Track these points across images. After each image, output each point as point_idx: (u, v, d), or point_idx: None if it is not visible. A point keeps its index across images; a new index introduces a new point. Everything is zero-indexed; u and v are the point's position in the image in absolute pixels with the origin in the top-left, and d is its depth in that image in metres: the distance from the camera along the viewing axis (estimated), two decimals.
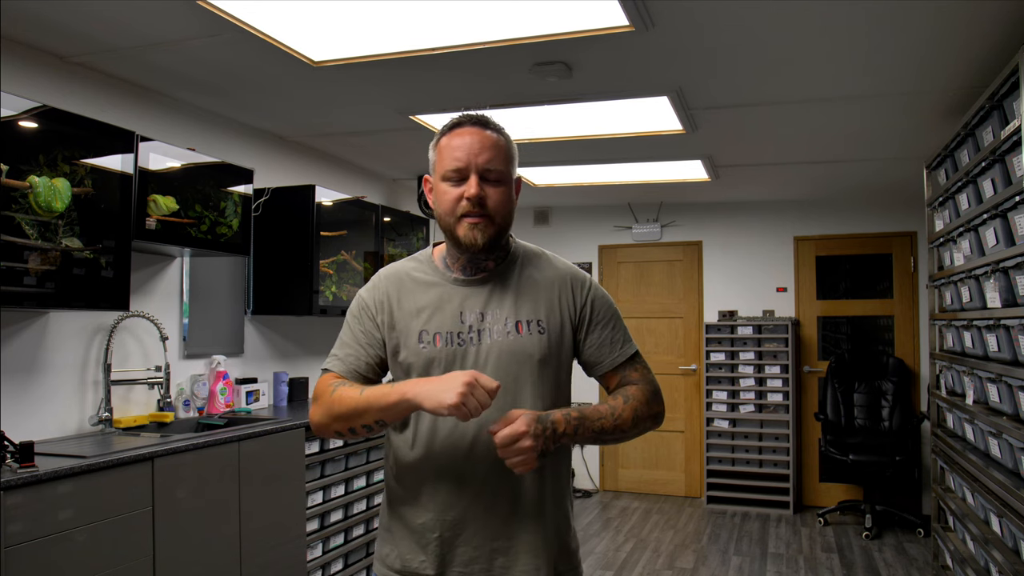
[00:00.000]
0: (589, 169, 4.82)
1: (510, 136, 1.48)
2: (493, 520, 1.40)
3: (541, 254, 1.56)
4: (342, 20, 2.48)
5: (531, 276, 1.50)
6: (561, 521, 1.48)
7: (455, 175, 1.40)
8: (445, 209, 1.42)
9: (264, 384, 3.81)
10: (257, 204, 3.65)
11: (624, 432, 1.44)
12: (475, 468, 1.40)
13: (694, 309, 6.20)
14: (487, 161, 1.40)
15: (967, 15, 2.42)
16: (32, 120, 2.39)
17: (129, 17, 2.47)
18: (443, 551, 1.41)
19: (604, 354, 1.50)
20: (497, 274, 1.48)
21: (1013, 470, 2.56)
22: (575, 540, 1.53)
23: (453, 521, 1.40)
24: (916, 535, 5.01)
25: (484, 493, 1.40)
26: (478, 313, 1.44)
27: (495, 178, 1.41)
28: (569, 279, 1.52)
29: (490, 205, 1.40)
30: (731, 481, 5.73)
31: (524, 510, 1.41)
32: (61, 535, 2.16)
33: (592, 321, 1.51)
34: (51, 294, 2.45)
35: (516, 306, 1.45)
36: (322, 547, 3.40)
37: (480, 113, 1.46)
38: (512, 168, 1.46)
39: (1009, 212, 2.47)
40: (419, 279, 1.50)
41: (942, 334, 3.66)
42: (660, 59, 2.81)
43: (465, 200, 1.39)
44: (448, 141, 1.43)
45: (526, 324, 1.44)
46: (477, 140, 1.41)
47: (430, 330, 1.43)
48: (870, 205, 5.72)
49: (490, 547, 1.41)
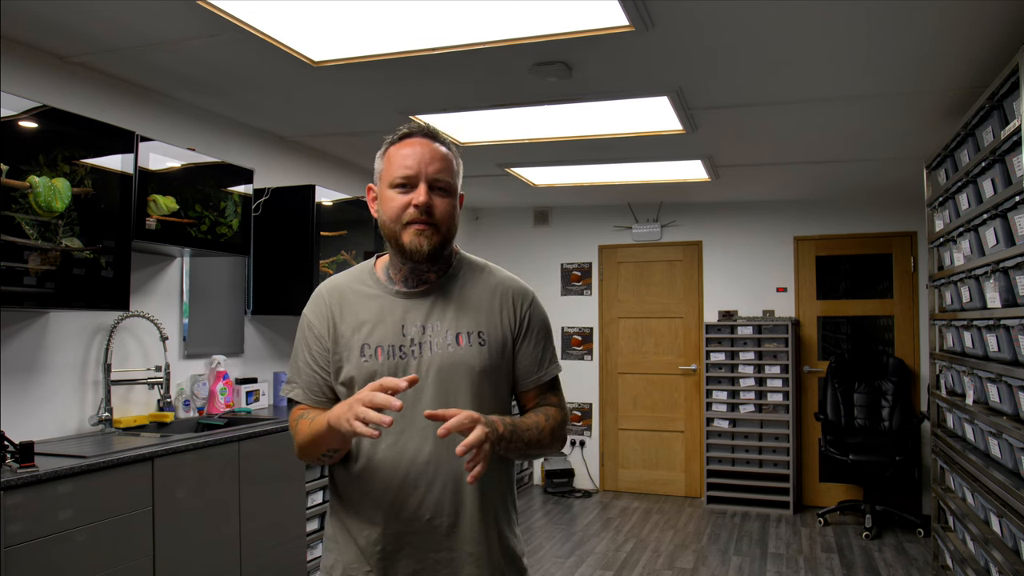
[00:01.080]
0: (589, 169, 4.82)
1: (456, 151, 1.50)
2: (435, 532, 1.41)
3: (484, 266, 1.56)
4: (342, 20, 2.48)
5: (473, 288, 1.50)
6: (505, 529, 1.49)
7: (404, 182, 1.41)
8: (391, 216, 1.42)
9: (264, 384, 3.81)
10: (257, 204, 3.65)
11: (540, 449, 1.46)
12: (416, 480, 1.40)
13: (694, 309, 6.20)
14: (436, 171, 1.42)
15: (967, 15, 2.42)
16: (32, 120, 2.39)
17: (129, 17, 2.47)
18: (386, 564, 1.42)
19: (531, 371, 1.51)
20: (439, 286, 1.49)
21: (1013, 470, 2.56)
22: (521, 546, 1.54)
23: (395, 534, 1.41)
24: (916, 535, 5.01)
25: (426, 505, 1.40)
26: (419, 326, 1.44)
27: (442, 187, 1.43)
28: (511, 291, 1.53)
29: (437, 214, 1.42)
30: (731, 481, 5.73)
31: (466, 521, 1.42)
32: (61, 535, 2.17)
33: (525, 336, 1.51)
34: (51, 294, 2.45)
35: (457, 318, 1.46)
36: (322, 547, 3.40)
37: (429, 125, 1.49)
38: (458, 182, 1.48)
39: (1009, 212, 2.47)
40: (360, 292, 1.49)
41: (942, 334, 3.66)
42: (660, 59, 2.81)
43: (413, 207, 1.40)
44: (397, 150, 1.44)
45: (467, 336, 1.45)
46: (428, 151, 1.43)
47: (372, 343, 1.44)
48: (870, 205, 5.72)
49: (433, 559, 1.41)
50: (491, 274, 1.55)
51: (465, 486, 1.41)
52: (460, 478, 1.41)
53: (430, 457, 1.40)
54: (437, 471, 1.40)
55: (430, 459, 1.40)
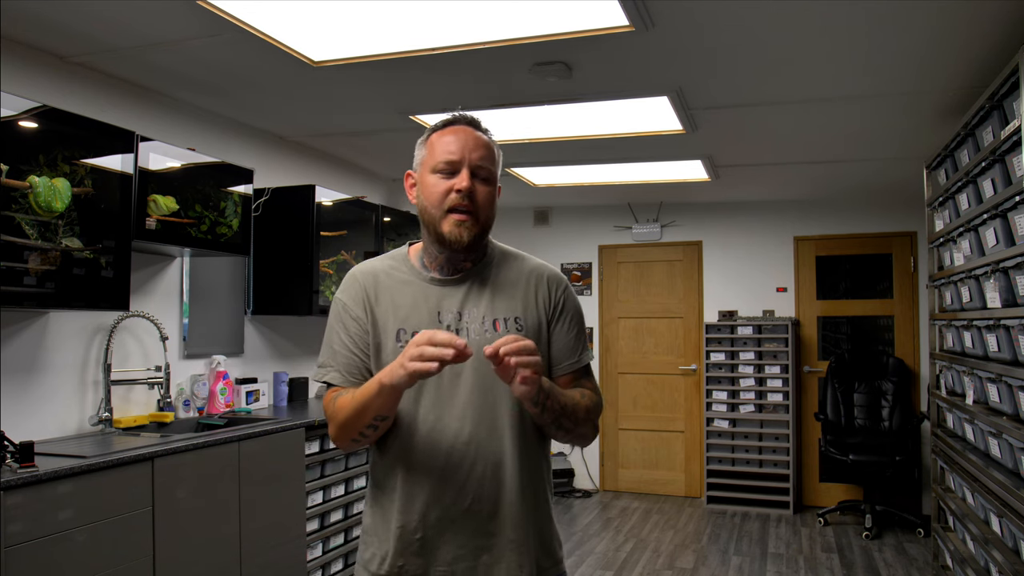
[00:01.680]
0: (589, 169, 4.82)
1: (496, 143, 1.50)
2: (476, 518, 1.40)
3: (518, 254, 1.57)
4: (342, 20, 2.48)
5: (507, 274, 1.51)
6: (543, 518, 1.48)
7: (447, 167, 1.41)
8: (432, 201, 1.42)
9: (264, 384, 3.81)
10: (257, 204, 3.65)
11: (574, 424, 1.44)
12: (456, 466, 1.40)
13: (694, 309, 6.20)
14: (479, 158, 1.42)
15: (967, 15, 2.42)
16: (32, 120, 2.39)
17: (129, 17, 2.47)
18: (427, 551, 1.41)
19: (565, 355, 1.51)
20: (474, 273, 1.49)
21: (1013, 470, 2.56)
22: (557, 538, 1.53)
23: (436, 521, 1.40)
24: (916, 535, 5.01)
25: (466, 491, 1.40)
26: (455, 312, 1.44)
27: (484, 176, 1.43)
28: (546, 276, 1.53)
29: (478, 201, 1.42)
30: (731, 481, 5.73)
31: (507, 506, 1.41)
32: (61, 535, 2.16)
33: (560, 319, 1.51)
34: (51, 294, 2.45)
35: (493, 304, 1.46)
36: (322, 547, 3.40)
37: (472, 115, 1.48)
38: (498, 172, 1.48)
39: (1009, 212, 2.47)
40: (395, 277, 1.49)
41: (942, 334, 3.66)
42: (660, 59, 2.81)
43: (455, 192, 1.40)
44: (440, 137, 1.45)
45: (503, 322, 1.45)
46: (471, 138, 1.43)
47: (408, 329, 1.43)
48: (870, 205, 5.72)
49: (474, 545, 1.40)
50: (524, 261, 1.55)
51: (505, 471, 1.41)
52: (500, 463, 1.40)
53: (469, 442, 1.39)
54: (477, 456, 1.39)
55: (469, 444, 1.39)
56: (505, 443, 1.41)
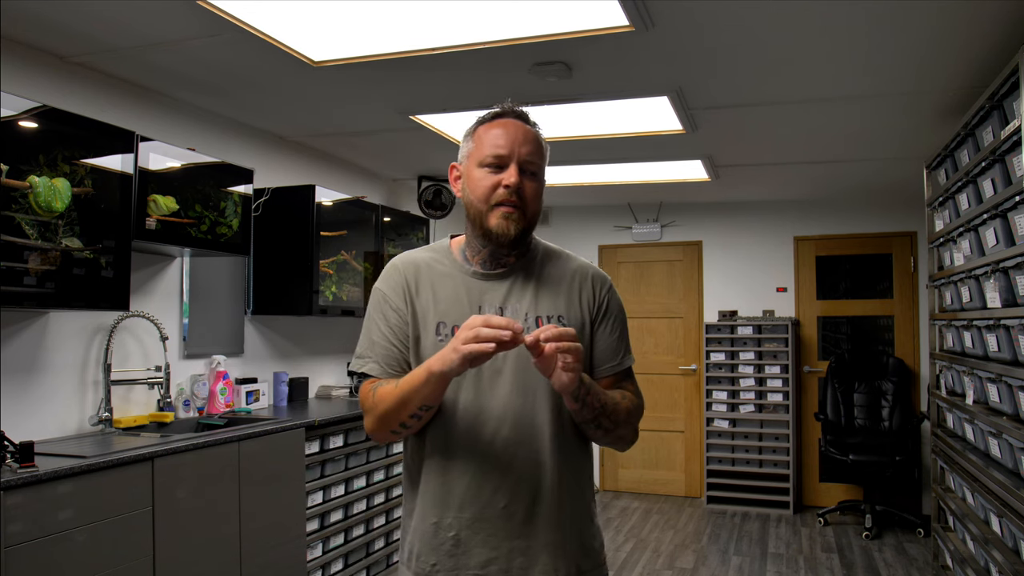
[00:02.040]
0: (589, 169, 4.82)
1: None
2: (512, 519, 1.37)
3: (562, 252, 1.55)
4: (342, 20, 2.48)
5: (552, 271, 1.48)
6: (583, 519, 1.45)
7: (495, 162, 1.38)
8: (479, 196, 1.39)
9: (264, 384, 3.81)
10: (257, 204, 3.65)
11: (614, 424, 1.41)
12: (493, 466, 1.37)
13: (694, 309, 6.20)
14: (528, 153, 1.39)
15: (967, 15, 2.42)
16: (32, 120, 2.39)
17: (129, 17, 2.47)
18: (459, 551, 1.38)
19: (608, 357, 1.48)
20: (518, 269, 1.46)
21: (1013, 470, 2.56)
22: (599, 537, 1.50)
23: (471, 520, 1.37)
24: (916, 535, 5.01)
25: (502, 491, 1.37)
26: (497, 307, 1.41)
27: (532, 171, 1.41)
28: (590, 275, 1.51)
29: (526, 196, 1.39)
30: (731, 481, 5.73)
31: (544, 508, 1.38)
32: (61, 535, 2.16)
33: (604, 319, 1.48)
34: (51, 294, 2.45)
35: (536, 301, 1.43)
36: (322, 547, 3.40)
37: (521, 108, 1.45)
38: (545, 166, 1.45)
39: (1009, 212, 2.47)
40: (437, 269, 1.46)
41: (942, 334, 3.66)
42: (660, 59, 2.81)
43: (503, 188, 1.37)
44: (488, 130, 1.42)
45: (546, 319, 1.42)
46: (520, 132, 1.40)
47: (448, 322, 1.41)
48: (870, 205, 5.72)
49: (508, 547, 1.37)
50: (569, 259, 1.53)
51: (544, 472, 1.38)
52: (538, 464, 1.38)
53: (508, 441, 1.36)
54: (515, 456, 1.36)
55: (508, 443, 1.36)
56: (544, 444, 1.39)
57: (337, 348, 4.56)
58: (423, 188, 5.04)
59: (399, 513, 4.02)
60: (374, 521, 3.79)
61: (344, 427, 3.53)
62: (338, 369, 4.58)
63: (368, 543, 3.73)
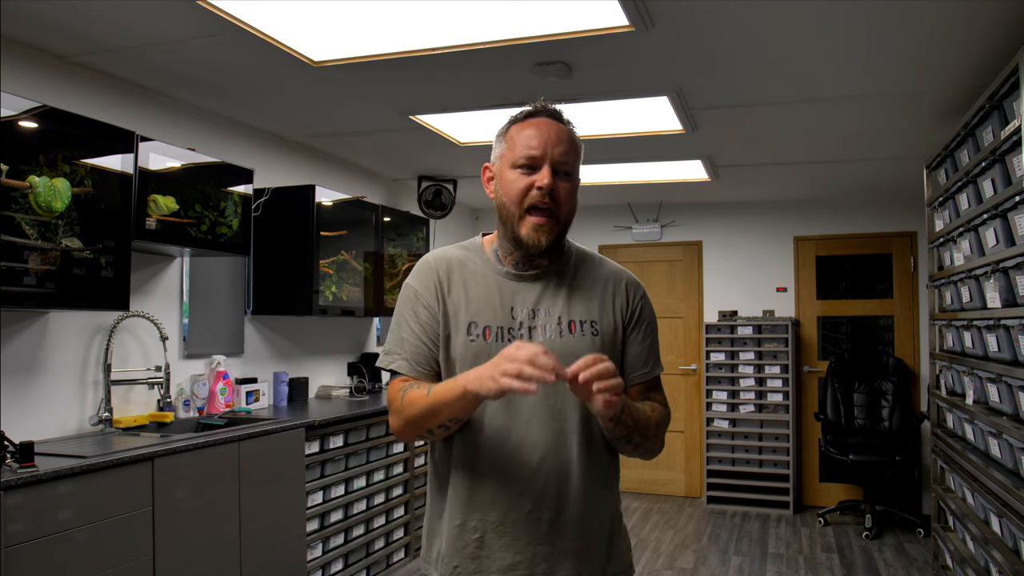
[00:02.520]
0: (589, 169, 4.82)
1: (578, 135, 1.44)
2: (536, 524, 1.36)
3: (595, 256, 1.53)
4: (342, 20, 2.48)
5: (585, 275, 1.46)
6: (610, 525, 1.44)
7: (528, 163, 1.36)
8: (512, 198, 1.37)
9: (264, 384, 3.81)
10: (257, 204, 3.65)
11: (644, 439, 1.39)
12: (520, 470, 1.36)
13: (694, 309, 6.20)
14: (562, 154, 1.37)
15: (967, 15, 2.42)
16: (32, 120, 2.39)
17: (129, 17, 2.47)
18: (483, 554, 1.37)
19: (638, 365, 1.46)
20: (551, 271, 1.44)
21: (1013, 470, 2.56)
22: (626, 541, 1.49)
23: (495, 523, 1.36)
24: (916, 535, 5.01)
25: (528, 495, 1.35)
26: (530, 309, 1.40)
27: (566, 171, 1.38)
28: (624, 281, 1.49)
29: (560, 198, 1.36)
30: (731, 481, 5.73)
31: (569, 515, 1.37)
32: (61, 535, 2.16)
33: (636, 326, 1.46)
34: (51, 294, 2.45)
35: (569, 305, 1.42)
36: (322, 547, 3.40)
37: (554, 106, 1.43)
38: (579, 165, 1.42)
39: (1009, 212, 2.47)
40: (469, 268, 1.44)
41: (942, 334, 3.66)
42: (660, 59, 2.81)
43: (536, 190, 1.35)
44: (520, 130, 1.39)
45: (579, 324, 1.41)
46: (554, 131, 1.38)
47: (479, 322, 1.39)
48: (870, 205, 5.72)
49: (531, 552, 1.36)
50: (603, 264, 1.51)
51: (571, 478, 1.37)
52: (565, 469, 1.36)
53: (535, 446, 1.35)
54: (542, 461, 1.35)
55: (535, 448, 1.35)
56: (572, 449, 1.37)
57: (337, 348, 4.56)
58: (423, 188, 5.04)
59: (399, 513, 4.02)
60: (374, 521, 3.79)
61: (344, 427, 3.53)
62: (338, 369, 4.58)
63: (368, 543, 3.73)
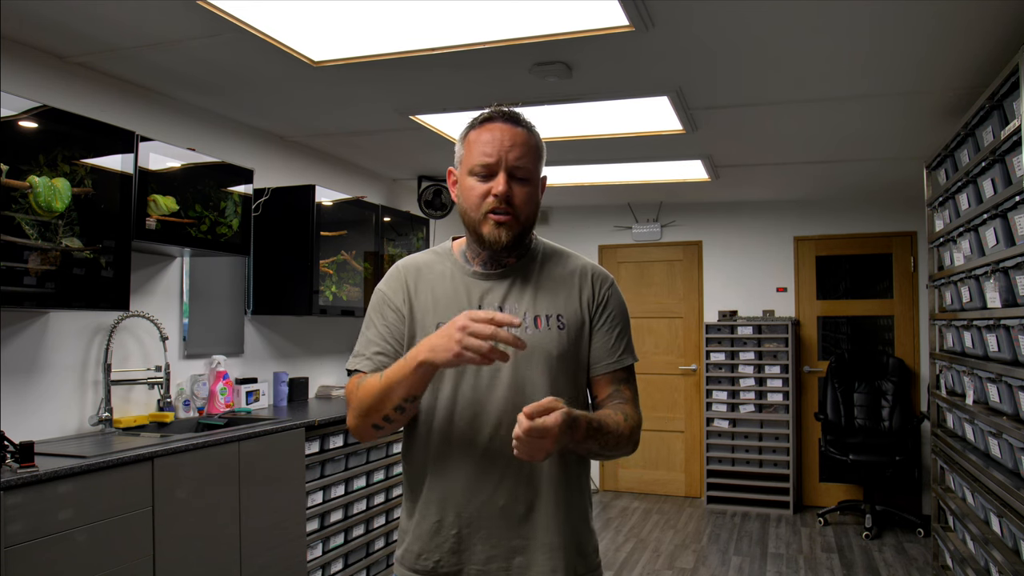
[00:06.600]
0: (589, 169, 4.82)
1: (539, 133, 1.45)
2: (510, 519, 1.39)
3: (563, 251, 1.55)
4: (342, 20, 2.48)
5: (552, 271, 1.48)
6: (579, 522, 1.46)
7: (483, 170, 1.38)
8: (470, 205, 1.40)
9: (264, 384, 3.81)
10: (257, 204, 3.65)
11: (613, 449, 1.39)
12: (491, 466, 1.38)
13: (694, 309, 6.20)
14: (516, 158, 1.38)
15: (967, 15, 2.42)
16: (32, 120, 2.39)
17: (129, 17, 2.47)
18: (461, 548, 1.40)
19: (604, 355, 1.48)
20: (518, 269, 1.47)
21: (1013, 470, 2.56)
22: (594, 540, 1.51)
23: (470, 519, 1.39)
24: (916, 535, 5.01)
25: (500, 491, 1.38)
26: (497, 307, 1.42)
27: (522, 176, 1.39)
28: (591, 272, 1.51)
29: (516, 203, 1.38)
30: (731, 481, 5.73)
31: (541, 510, 1.40)
32: (61, 535, 2.16)
33: (602, 317, 1.48)
34: (51, 294, 2.45)
35: (535, 301, 1.44)
36: (322, 547, 3.40)
37: (511, 108, 1.44)
38: (540, 166, 1.44)
39: (1009, 212, 2.47)
40: (437, 270, 1.48)
41: (942, 334, 3.66)
42: (660, 59, 2.81)
43: (492, 197, 1.37)
44: (477, 135, 1.41)
45: (545, 319, 1.43)
46: (508, 136, 1.39)
47: (446, 322, 1.39)
48: (870, 205, 5.72)
49: (507, 546, 1.39)
50: (571, 258, 1.53)
51: (540, 475, 1.39)
52: (535, 466, 1.38)
53: (505, 442, 1.35)
54: (511, 457, 1.35)
55: (505, 444, 1.35)
56: None
57: (337, 348, 4.56)
58: (423, 188, 5.04)
59: (399, 513, 4.02)
60: (374, 521, 3.79)
61: (344, 427, 3.53)
62: (338, 369, 4.58)
63: (368, 543, 3.73)
